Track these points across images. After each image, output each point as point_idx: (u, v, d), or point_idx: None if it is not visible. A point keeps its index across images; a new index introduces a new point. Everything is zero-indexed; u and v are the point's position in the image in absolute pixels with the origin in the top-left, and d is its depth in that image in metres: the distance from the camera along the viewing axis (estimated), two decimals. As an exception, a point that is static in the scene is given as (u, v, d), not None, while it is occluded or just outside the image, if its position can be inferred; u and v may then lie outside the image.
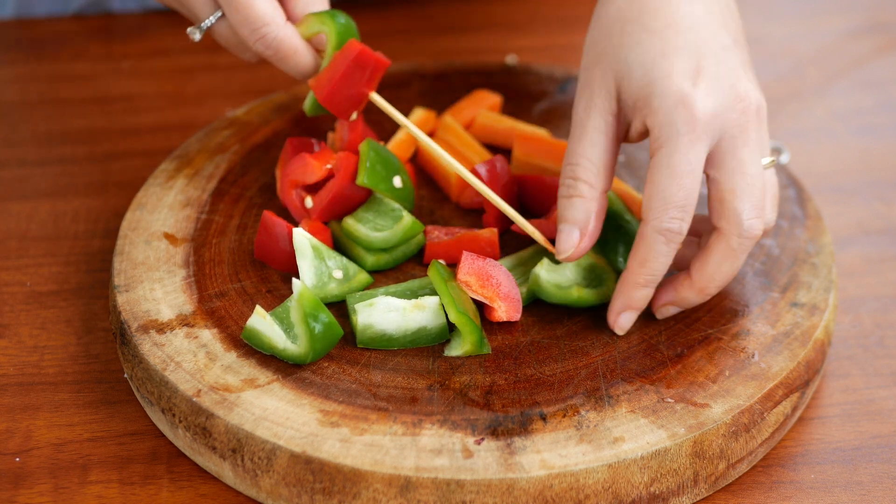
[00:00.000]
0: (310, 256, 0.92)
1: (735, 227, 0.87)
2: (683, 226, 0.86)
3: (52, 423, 0.89)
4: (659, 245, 0.86)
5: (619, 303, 0.89)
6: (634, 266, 0.88)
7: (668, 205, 0.85)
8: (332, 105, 0.98)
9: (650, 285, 0.88)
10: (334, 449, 0.80)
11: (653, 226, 0.86)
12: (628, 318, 0.90)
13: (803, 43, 1.38)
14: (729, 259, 0.88)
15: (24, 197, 1.10)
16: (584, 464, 0.80)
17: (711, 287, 0.89)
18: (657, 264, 0.87)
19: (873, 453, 0.88)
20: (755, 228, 0.87)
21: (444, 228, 0.97)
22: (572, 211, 0.89)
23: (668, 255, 0.87)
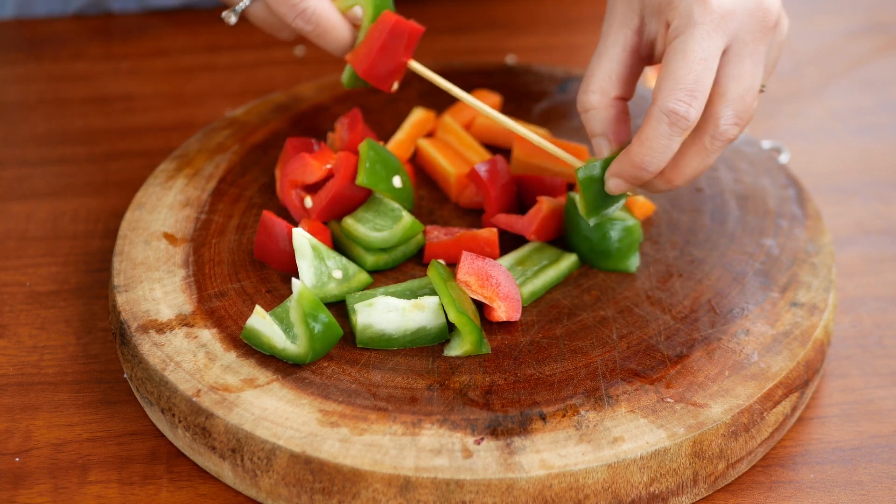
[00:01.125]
0: (309, 256, 0.92)
1: (712, 127, 0.88)
2: (690, 111, 0.86)
3: (51, 423, 0.89)
4: (662, 125, 0.86)
5: (615, 167, 0.90)
6: (636, 144, 0.88)
7: (676, 86, 0.86)
8: (373, 78, 0.98)
9: (647, 167, 0.88)
10: (334, 449, 0.80)
11: (659, 106, 0.86)
12: (619, 184, 0.90)
13: (803, 43, 1.38)
14: (699, 156, 0.90)
15: (23, 197, 1.10)
16: (583, 464, 0.80)
17: (678, 179, 0.91)
18: (657, 145, 0.87)
19: (873, 453, 0.88)
20: (728, 134, 0.89)
21: (444, 228, 0.97)
22: (591, 124, 0.92)
23: (670, 139, 0.87)
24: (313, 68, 1.27)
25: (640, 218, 1.00)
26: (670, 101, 0.86)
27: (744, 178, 1.05)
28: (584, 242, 0.95)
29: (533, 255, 0.96)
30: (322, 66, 1.27)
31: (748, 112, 0.89)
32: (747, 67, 0.88)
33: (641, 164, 0.88)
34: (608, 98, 0.91)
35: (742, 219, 1.01)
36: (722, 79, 0.88)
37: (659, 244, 0.98)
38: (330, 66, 1.26)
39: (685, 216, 1.01)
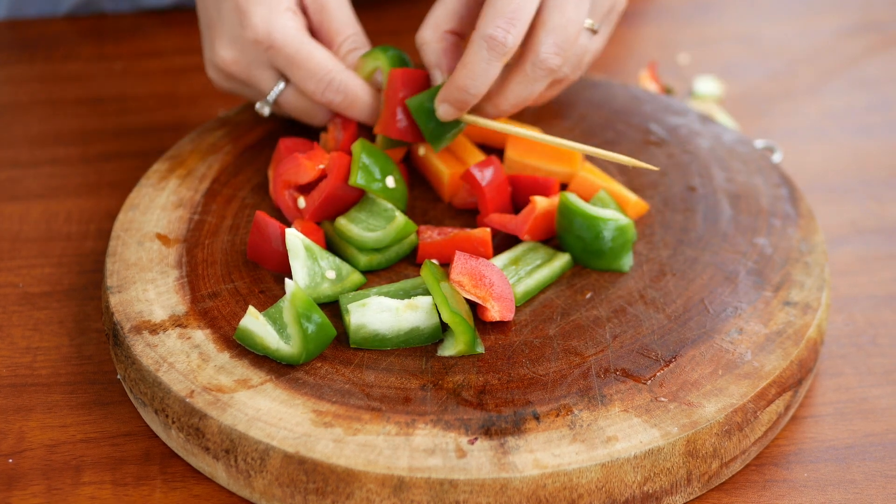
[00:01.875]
0: (303, 257, 0.92)
1: (533, 54, 0.94)
2: (509, 38, 0.92)
3: (45, 424, 0.88)
4: (482, 51, 0.92)
5: (441, 94, 0.96)
6: (458, 68, 0.94)
7: (497, 14, 0.92)
8: (405, 135, 1.00)
9: (469, 90, 0.94)
10: (328, 449, 0.80)
11: (479, 32, 0.92)
12: (446, 109, 0.96)
13: (796, 42, 1.38)
14: (522, 83, 0.95)
15: (16, 198, 1.10)
16: (577, 463, 0.80)
17: (504, 104, 0.96)
18: (477, 69, 0.93)
19: (866, 452, 0.88)
20: (549, 62, 0.94)
21: (437, 228, 0.97)
22: (425, 57, 0.99)
23: (489, 63, 0.93)
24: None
25: (633, 217, 1.00)
26: (489, 27, 0.92)
27: (736, 178, 1.05)
28: (578, 242, 0.95)
29: (526, 254, 0.96)
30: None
31: (571, 44, 0.94)
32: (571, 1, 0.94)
33: (464, 86, 0.93)
34: (440, 32, 0.97)
35: (735, 218, 1.01)
36: (544, 9, 0.94)
37: (652, 243, 0.98)
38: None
39: (678, 215, 1.01)
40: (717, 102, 1.25)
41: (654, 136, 1.11)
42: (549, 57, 0.94)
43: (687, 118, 1.13)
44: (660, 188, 1.04)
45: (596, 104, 1.15)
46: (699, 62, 1.33)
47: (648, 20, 1.42)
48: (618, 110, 1.14)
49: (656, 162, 1.07)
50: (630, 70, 1.31)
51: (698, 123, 1.12)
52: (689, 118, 1.13)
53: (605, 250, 0.95)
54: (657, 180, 1.05)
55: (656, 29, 1.40)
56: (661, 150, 1.09)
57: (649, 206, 1.02)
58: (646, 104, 1.15)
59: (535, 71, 0.94)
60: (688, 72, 1.31)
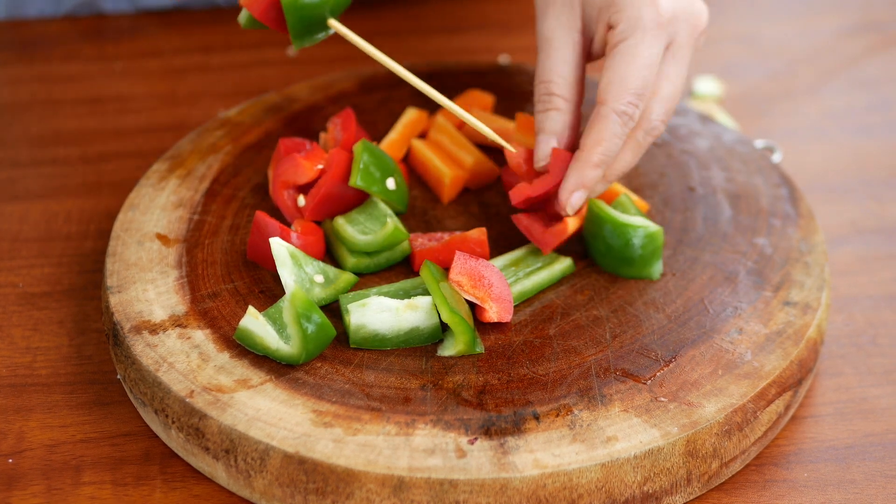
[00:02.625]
0: (289, 265, 0.91)
1: (646, 122, 0.94)
2: (637, 112, 0.92)
3: (44, 424, 0.88)
4: (615, 126, 0.92)
5: (572, 181, 0.93)
6: (589, 145, 0.92)
7: (627, 90, 0.91)
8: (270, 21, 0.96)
9: (602, 165, 0.93)
10: (327, 449, 0.80)
11: (612, 107, 0.91)
12: (580, 197, 0.94)
13: (796, 42, 1.38)
14: (632, 150, 0.95)
15: (16, 198, 1.10)
16: (577, 463, 0.80)
17: (612, 175, 0.95)
18: (611, 144, 0.92)
19: (866, 452, 0.88)
20: (658, 130, 0.95)
21: (428, 234, 0.97)
22: (549, 123, 0.95)
23: (621, 139, 0.92)
24: (306, 69, 1.27)
25: (633, 217, 1.00)
26: (622, 104, 0.91)
27: (736, 178, 1.05)
28: (607, 250, 0.94)
29: (527, 257, 0.96)
30: (315, 67, 1.27)
31: (673, 109, 0.95)
32: (680, 69, 0.95)
33: (598, 163, 0.92)
34: (571, 104, 0.95)
35: (735, 218, 1.01)
36: (658, 79, 0.94)
37: (652, 243, 0.98)
38: (323, 66, 1.26)
39: (678, 215, 1.01)
40: (717, 102, 1.25)
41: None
42: (659, 125, 0.94)
43: (687, 118, 1.13)
44: (659, 188, 1.04)
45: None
46: (699, 62, 1.33)
47: (648, 20, 1.41)
48: (618, 110, 1.14)
49: (656, 162, 1.07)
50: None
51: (698, 123, 1.12)
52: (689, 118, 1.13)
53: (635, 258, 0.94)
54: (657, 180, 1.05)
55: (656, 29, 1.40)
56: (661, 150, 1.09)
57: (649, 206, 1.02)
58: (646, 104, 1.15)
59: (646, 139, 0.95)
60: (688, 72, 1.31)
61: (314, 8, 0.95)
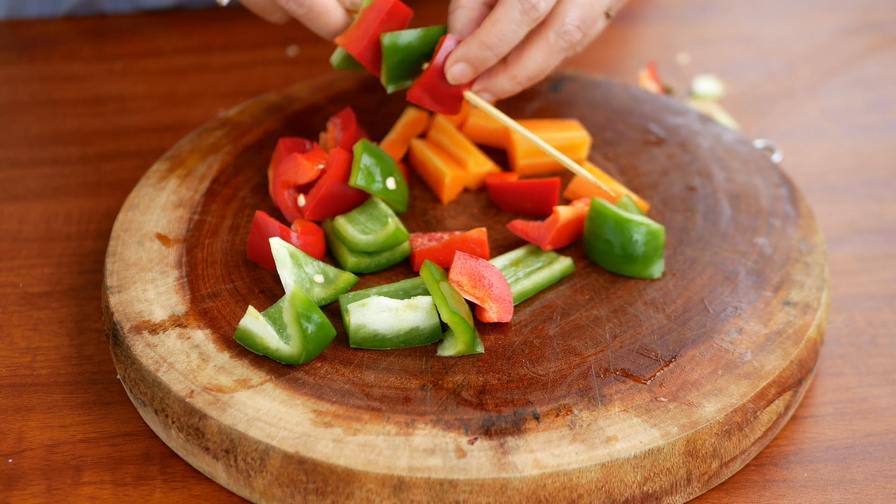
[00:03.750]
0: (289, 265, 0.92)
1: (558, 23, 0.94)
2: (542, 4, 0.92)
3: (44, 424, 0.88)
4: (514, 11, 0.92)
5: (460, 51, 0.95)
6: (486, 25, 0.93)
7: None
8: (367, 60, 0.98)
9: (493, 48, 0.93)
10: (327, 449, 0.80)
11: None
12: (461, 69, 0.95)
13: (796, 42, 1.38)
14: (542, 52, 0.95)
15: (16, 198, 1.10)
16: (577, 463, 0.80)
17: (521, 74, 0.96)
18: (506, 29, 0.93)
19: (866, 452, 0.88)
20: (571, 35, 0.94)
21: (428, 234, 0.97)
22: (454, 21, 0.97)
23: (519, 25, 0.93)
24: (306, 69, 1.27)
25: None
26: None
27: (736, 178, 1.05)
28: (608, 247, 0.94)
29: (527, 257, 0.96)
30: (315, 67, 1.27)
31: (593, 21, 0.95)
32: None
33: (489, 44, 0.93)
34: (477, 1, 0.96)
35: (735, 218, 1.01)
36: None
37: (652, 243, 0.98)
38: (323, 66, 1.26)
39: (678, 215, 1.01)
40: (717, 102, 1.25)
41: (654, 135, 1.11)
42: (572, 29, 0.94)
43: (687, 118, 1.13)
44: (660, 188, 1.04)
45: (596, 104, 1.15)
46: (699, 62, 1.33)
47: (648, 20, 1.42)
48: (617, 110, 1.14)
49: (656, 162, 1.07)
50: (630, 70, 1.31)
51: (698, 123, 1.12)
52: (688, 118, 1.13)
53: (637, 255, 0.94)
54: (657, 180, 1.05)
55: (656, 29, 1.40)
56: (661, 150, 1.09)
57: (649, 206, 1.02)
58: (646, 104, 1.15)
59: (557, 41, 0.95)
60: (688, 72, 1.31)
61: (413, 50, 0.97)
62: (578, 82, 1.17)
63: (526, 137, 0.97)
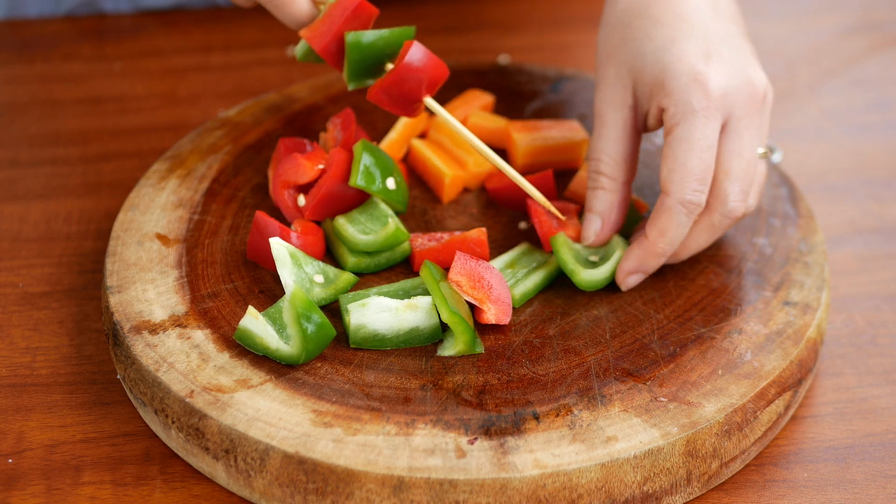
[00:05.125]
0: (289, 265, 0.91)
1: (721, 205, 0.91)
2: (702, 198, 0.90)
3: (44, 424, 0.88)
4: (680, 216, 0.90)
5: (631, 265, 0.93)
6: (654, 235, 0.91)
7: (689, 177, 0.89)
8: (329, 55, 0.97)
9: (665, 254, 0.92)
10: (327, 449, 0.80)
11: (676, 198, 0.89)
12: (636, 279, 0.94)
13: (796, 42, 1.38)
14: (707, 232, 0.93)
15: (15, 198, 1.10)
16: (576, 463, 0.80)
17: (684, 255, 0.94)
18: (676, 234, 0.91)
19: (866, 452, 0.88)
20: (737, 211, 0.91)
21: (428, 234, 0.97)
22: (595, 202, 0.95)
23: (686, 227, 0.91)
24: (306, 69, 1.27)
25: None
26: (686, 193, 0.89)
27: (737, 178, 1.05)
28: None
29: (522, 257, 0.96)
30: (315, 67, 1.27)
31: (750, 182, 0.92)
32: (745, 142, 0.91)
33: (661, 252, 0.91)
34: (618, 183, 0.94)
35: (735, 218, 1.01)
36: (723, 156, 0.91)
37: (652, 243, 0.98)
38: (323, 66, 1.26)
39: (678, 215, 1.01)
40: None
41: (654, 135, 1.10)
42: (737, 205, 0.91)
43: (687, 118, 1.13)
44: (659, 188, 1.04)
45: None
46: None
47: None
48: (617, 110, 1.14)
49: (657, 162, 1.07)
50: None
51: (698, 123, 1.12)
52: (688, 118, 1.13)
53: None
54: (657, 180, 1.05)
55: (656, 29, 1.40)
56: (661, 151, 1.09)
57: (649, 206, 1.02)
58: (645, 104, 1.15)
59: (723, 221, 0.92)
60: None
61: (376, 50, 0.96)
62: (578, 82, 1.17)
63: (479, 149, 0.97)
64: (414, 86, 0.95)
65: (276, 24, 1.15)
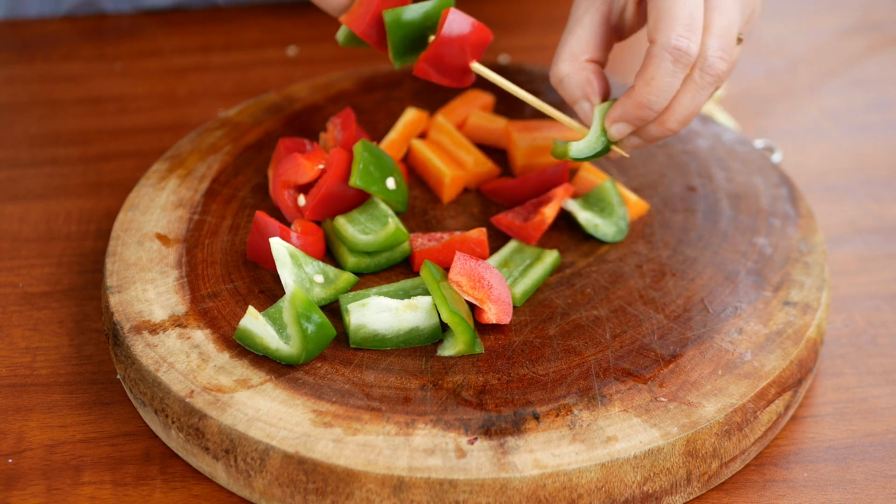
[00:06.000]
0: (289, 265, 0.92)
1: (701, 59, 0.89)
2: (691, 45, 0.87)
3: (44, 424, 0.88)
4: (666, 63, 0.88)
5: (618, 112, 0.91)
6: (640, 84, 0.89)
7: (674, 23, 0.87)
8: (370, 37, 0.96)
9: (652, 106, 0.89)
10: (327, 449, 0.80)
11: (661, 44, 0.87)
12: (622, 128, 0.92)
13: (796, 42, 1.38)
14: (690, 93, 0.90)
15: (16, 198, 1.10)
16: (576, 463, 0.80)
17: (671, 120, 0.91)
18: (663, 83, 0.88)
19: (866, 452, 0.88)
20: (717, 66, 0.89)
21: (428, 234, 0.97)
22: (567, 92, 0.93)
23: (675, 76, 0.88)
24: (306, 68, 1.27)
25: (633, 217, 1.00)
26: (672, 37, 0.87)
27: (736, 178, 1.05)
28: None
29: (514, 256, 0.96)
30: (315, 67, 1.27)
31: (732, 47, 0.90)
32: (728, 2, 0.90)
33: (647, 103, 0.89)
34: (579, 62, 0.93)
35: (735, 218, 1.01)
36: (706, 12, 0.89)
37: (652, 243, 0.98)
38: (323, 66, 1.26)
39: (678, 215, 1.01)
40: (717, 102, 1.25)
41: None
42: (716, 61, 0.89)
43: (687, 118, 1.13)
44: (660, 188, 1.04)
45: (596, 104, 1.14)
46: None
47: (648, 20, 1.42)
48: (617, 110, 1.14)
49: (656, 162, 1.07)
50: (630, 70, 1.31)
51: (698, 123, 1.12)
52: (688, 118, 1.13)
53: None
54: (657, 180, 1.05)
55: (656, 29, 1.40)
56: (661, 150, 1.09)
57: (649, 206, 1.02)
58: (645, 104, 1.15)
59: (704, 77, 0.90)
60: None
61: (416, 25, 0.95)
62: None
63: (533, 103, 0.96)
64: (457, 53, 0.95)
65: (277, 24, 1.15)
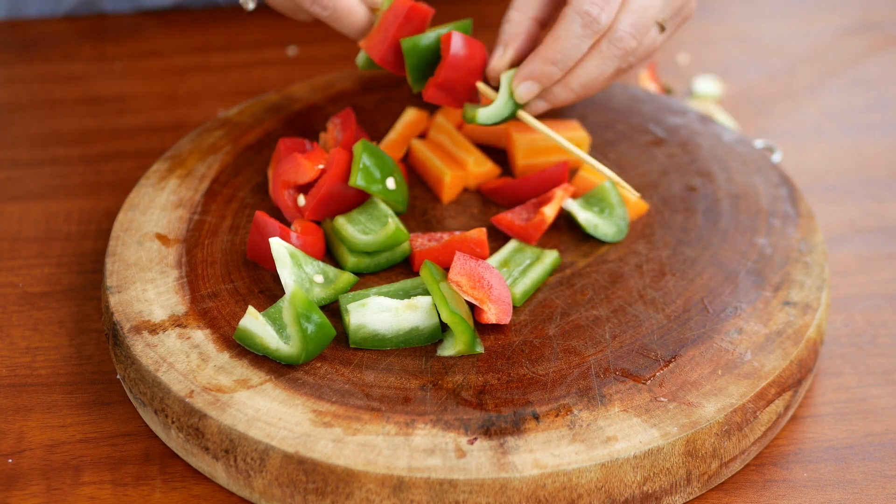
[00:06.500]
0: (289, 264, 0.92)
1: (610, 31, 0.94)
2: (602, 15, 0.92)
3: (44, 424, 0.88)
4: (575, 26, 0.93)
5: (524, 71, 0.95)
6: (549, 41, 0.94)
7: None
8: (388, 63, 0.99)
9: (557, 64, 0.94)
10: (327, 449, 0.80)
11: (574, 7, 0.92)
12: (528, 87, 0.96)
13: (796, 42, 1.38)
14: (596, 61, 0.96)
15: (16, 198, 1.10)
16: (576, 463, 0.80)
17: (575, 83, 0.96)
18: (568, 44, 0.93)
19: (866, 452, 0.88)
20: (625, 42, 0.94)
21: (428, 234, 0.97)
22: (502, 34, 0.98)
23: (582, 40, 0.93)
24: (306, 69, 1.27)
25: (633, 217, 1.00)
26: (585, 4, 0.92)
27: (736, 178, 1.05)
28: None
29: (514, 255, 0.96)
30: (315, 67, 1.27)
31: (646, 28, 0.95)
32: None
33: (553, 59, 0.93)
34: (525, 16, 0.97)
35: (735, 218, 1.01)
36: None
37: (652, 243, 0.98)
38: (323, 66, 1.26)
39: (678, 215, 1.01)
40: (717, 102, 1.25)
41: (654, 136, 1.11)
42: (625, 36, 0.94)
43: (687, 118, 1.13)
44: (660, 188, 1.04)
45: (596, 104, 1.15)
46: (699, 62, 1.33)
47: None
48: (617, 110, 1.14)
49: (656, 162, 1.07)
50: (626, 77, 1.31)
51: (698, 123, 1.12)
52: (688, 118, 1.13)
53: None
54: (657, 180, 1.05)
55: (656, 29, 1.40)
56: (661, 150, 1.09)
57: (649, 206, 1.02)
58: (645, 104, 1.15)
59: (611, 49, 0.94)
60: (687, 72, 1.31)
61: (433, 50, 0.99)
62: (578, 82, 1.17)
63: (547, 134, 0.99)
64: (464, 75, 0.98)
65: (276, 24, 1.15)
